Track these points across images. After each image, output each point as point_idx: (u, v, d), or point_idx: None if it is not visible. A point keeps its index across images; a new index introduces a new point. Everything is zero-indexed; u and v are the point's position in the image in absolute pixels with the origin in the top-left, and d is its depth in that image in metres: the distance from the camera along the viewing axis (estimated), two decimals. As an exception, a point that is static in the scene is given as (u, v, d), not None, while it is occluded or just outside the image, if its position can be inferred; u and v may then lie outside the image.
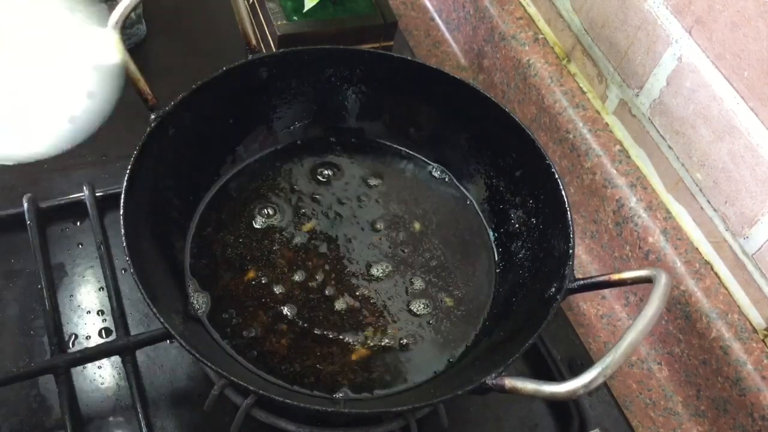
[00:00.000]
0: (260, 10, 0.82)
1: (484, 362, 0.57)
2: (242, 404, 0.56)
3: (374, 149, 0.73)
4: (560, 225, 0.60)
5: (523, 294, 0.62)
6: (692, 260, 0.66)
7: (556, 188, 0.61)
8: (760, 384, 0.60)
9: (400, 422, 0.58)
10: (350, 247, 0.66)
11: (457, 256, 0.67)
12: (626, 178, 0.71)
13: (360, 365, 0.60)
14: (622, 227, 0.71)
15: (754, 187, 0.60)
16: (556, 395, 0.48)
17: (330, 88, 0.70)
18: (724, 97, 0.61)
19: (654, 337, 0.70)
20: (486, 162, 0.69)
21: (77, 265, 0.68)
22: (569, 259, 0.57)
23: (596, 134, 0.74)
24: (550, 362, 0.66)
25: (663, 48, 0.66)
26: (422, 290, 0.64)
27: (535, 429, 0.65)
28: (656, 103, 0.69)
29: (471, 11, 0.89)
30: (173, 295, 0.59)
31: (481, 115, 0.67)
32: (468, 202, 0.71)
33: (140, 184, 0.58)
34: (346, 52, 0.69)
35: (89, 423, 0.59)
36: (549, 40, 0.81)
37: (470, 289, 0.65)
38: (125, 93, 0.78)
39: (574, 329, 0.71)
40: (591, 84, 0.78)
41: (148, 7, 0.85)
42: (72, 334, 0.64)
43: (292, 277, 0.63)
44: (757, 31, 0.56)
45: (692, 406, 0.68)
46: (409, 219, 0.69)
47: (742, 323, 0.63)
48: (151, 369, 0.63)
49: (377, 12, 0.82)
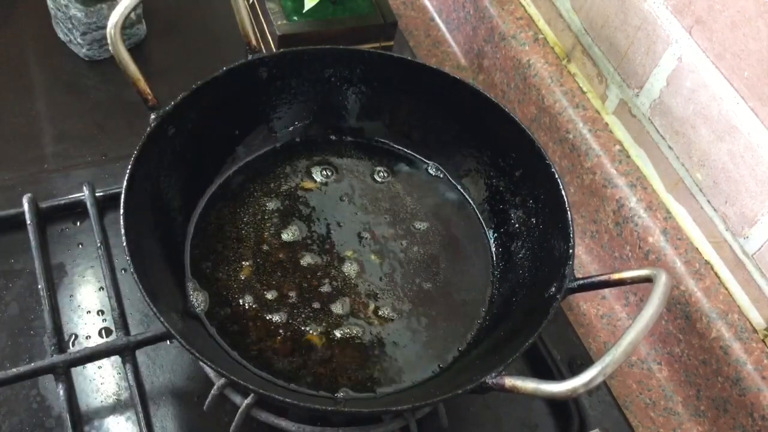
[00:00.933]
0: (260, 10, 0.82)
1: (484, 362, 0.57)
2: (242, 404, 0.56)
3: (374, 149, 0.73)
4: (560, 225, 0.60)
5: (523, 294, 0.62)
6: (692, 260, 0.66)
7: (556, 188, 0.61)
8: (760, 384, 0.60)
9: (400, 422, 0.58)
10: (350, 246, 0.66)
11: (457, 256, 0.67)
12: (626, 178, 0.71)
13: (360, 365, 0.60)
14: (622, 227, 0.71)
15: (754, 187, 0.60)
16: (556, 394, 0.48)
17: (330, 88, 0.70)
18: (724, 97, 0.61)
19: (654, 337, 0.70)
20: (486, 162, 0.69)
21: (77, 265, 0.68)
22: (569, 259, 0.57)
23: (596, 134, 0.74)
24: (550, 362, 0.66)
25: (663, 48, 0.66)
26: (422, 290, 0.64)
27: (535, 429, 0.65)
28: (656, 103, 0.69)
29: (471, 11, 0.89)
30: (173, 294, 0.59)
31: (481, 116, 0.67)
32: (467, 201, 0.71)
33: (140, 184, 0.58)
34: (346, 52, 0.69)
35: (89, 423, 0.59)
36: (549, 40, 0.81)
37: (470, 289, 0.65)
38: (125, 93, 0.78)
39: (574, 329, 0.71)
40: (591, 84, 0.78)
41: (148, 7, 0.85)
42: (72, 334, 0.64)
43: (292, 276, 0.63)
44: (757, 31, 0.56)
45: (692, 406, 0.68)
46: (408, 218, 0.69)
47: (742, 323, 0.63)
48: (151, 369, 0.63)
49: (377, 12, 0.82)
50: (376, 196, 0.70)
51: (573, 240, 0.58)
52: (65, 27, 0.81)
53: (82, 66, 0.82)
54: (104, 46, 0.81)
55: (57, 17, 0.81)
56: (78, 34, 0.80)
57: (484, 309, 0.64)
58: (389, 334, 0.61)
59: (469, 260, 0.67)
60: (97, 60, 0.82)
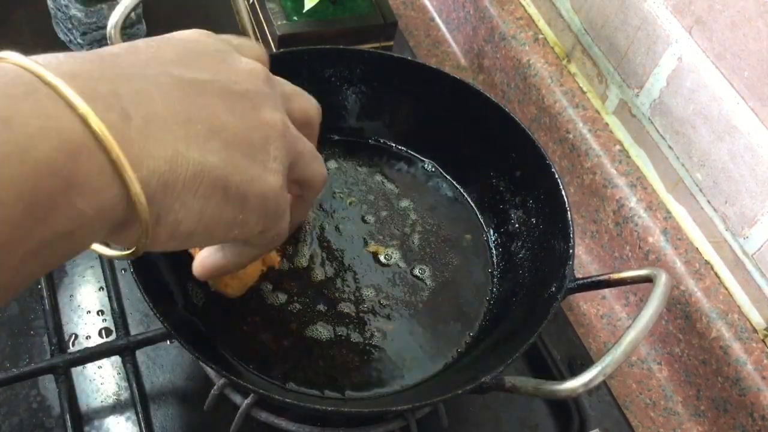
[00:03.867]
0: (260, 10, 0.82)
1: (484, 362, 0.57)
2: (242, 404, 0.56)
3: (374, 149, 0.73)
4: (560, 225, 0.60)
5: (523, 294, 0.62)
6: (692, 260, 0.66)
7: (556, 188, 0.61)
8: (760, 384, 0.60)
9: (400, 422, 0.58)
10: (349, 246, 0.66)
11: (456, 256, 0.67)
12: (626, 178, 0.71)
13: (359, 365, 0.60)
14: (622, 227, 0.71)
15: (754, 187, 0.60)
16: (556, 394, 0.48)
17: (330, 88, 0.70)
18: (724, 97, 0.61)
19: (654, 337, 0.70)
20: (486, 162, 0.69)
21: (77, 265, 0.68)
22: (569, 259, 0.57)
23: (596, 134, 0.74)
24: (550, 362, 0.66)
25: (663, 48, 0.66)
26: (421, 290, 0.64)
27: (535, 429, 0.65)
28: (656, 103, 0.69)
29: (471, 11, 0.89)
30: (173, 294, 0.59)
31: (481, 115, 0.67)
32: (467, 201, 0.71)
33: (140, 184, 0.58)
34: (346, 52, 0.69)
35: (89, 423, 0.59)
36: (549, 40, 0.81)
37: (470, 289, 0.65)
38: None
39: (574, 329, 0.71)
40: (591, 84, 0.78)
41: (148, 7, 0.85)
42: (72, 334, 0.64)
43: (291, 275, 0.63)
44: (757, 31, 0.56)
45: (692, 406, 0.68)
46: (408, 218, 0.69)
47: (742, 323, 0.63)
48: (151, 369, 0.63)
49: (377, 12, 0.82)
50: (375, 196, 0.70)
51: (573, 240, 0.58)
52: (65, 27, 0.81)
53: (82, 66, 0.82)
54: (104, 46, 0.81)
55: (57, 17, 0.81)
56: (78, 34, 0.80)
57: (484, 309, 0.64)
58: (389, 334, 0.61)
59: (469, 260, 0.67)
60: (97, 60, 0.82)
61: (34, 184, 0.28)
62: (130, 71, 0.33)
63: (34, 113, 0.29)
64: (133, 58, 0.35)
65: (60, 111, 0.29)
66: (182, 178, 0.33)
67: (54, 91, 0.29)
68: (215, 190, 0.35)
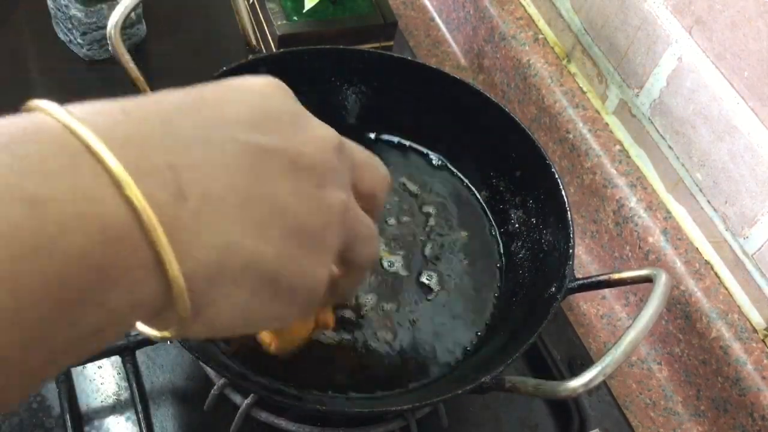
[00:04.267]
0: (260, 10, 0.82)
1: (484, 362, 0.57)
2: (242, 404, 0.56)
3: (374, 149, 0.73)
4: (560, 225, 0.60)
5: (523, 294, 0.62)
6: (692, 260, 0.66)
7: (556, 188, 0.61)
8: (760, 384, 0.60)
9: (400, 422, 0.58)
10: (350, 247, 0.66)
11: (456, 257, 0.67)
12: (626, 178, 0.71)
13: (360, 365, 0.60)
14: (622, 227, 0.71)
15: (754, 187, 0.60)
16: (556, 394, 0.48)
17: (330, 88, 0.70)
18: (724, 97, 0.61)
19: (654, 337, 0.70)
20: (486, 162, 0.69)
21: (77, 265, 0.68)
22: (569, 259, 0.57)
23: (596, 134, 0.74)
24: (550, 362, 0.66)
25: (663, 48, 0.66)
26: (421, 291, 0.64)
27: (535, 429, 0.65)
28: (656, 103, 0.69)
29: (471, 11, 0.89)
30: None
31: (481, 115, 0.67)
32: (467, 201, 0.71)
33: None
34: (346, 52, 0.69)
35: (89, 423, 0.59)
36: (549, 40, 0.81)
37: (470, 290, 0.65)
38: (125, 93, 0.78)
39: (574, 329, 0.71)
40: (591, 84, 0.78)
41: (148, 7, 0.85)
42: (72, 334, 0.64)
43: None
44: (757, 31, 0.56)
45: (692, 406, 0.68)
46: (408, 218, 0.69)
47: (742, 323, 0.63)
48: (151, 369, 0.63)
49: (377, 12, 0.82)
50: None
51: (573, 240, 0.58)
52: (65, 27, 0.81)
53: (82, 66, 0.82)
54: (104, 46, 0.81)
55: (57, 17, 0.81)
56: (78, 34, 0.80)
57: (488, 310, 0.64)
58: (390, 334, 0.61)
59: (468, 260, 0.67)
60: (97, 60, 0.82)
61: (61, 281, 0.23)
62: (191, 134, 0.28)
63: (71, 195, 0.24)
64: (196, 116, 0.29)
65: (103, 190, 0.25)
66: (231, 269, 0.29)
67: (99, 163, 0.25)
68: (264, 284, 0.30)
